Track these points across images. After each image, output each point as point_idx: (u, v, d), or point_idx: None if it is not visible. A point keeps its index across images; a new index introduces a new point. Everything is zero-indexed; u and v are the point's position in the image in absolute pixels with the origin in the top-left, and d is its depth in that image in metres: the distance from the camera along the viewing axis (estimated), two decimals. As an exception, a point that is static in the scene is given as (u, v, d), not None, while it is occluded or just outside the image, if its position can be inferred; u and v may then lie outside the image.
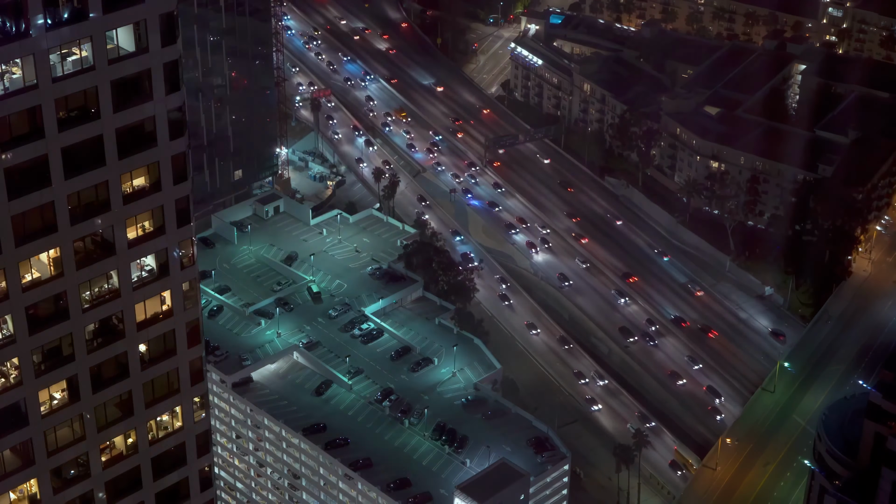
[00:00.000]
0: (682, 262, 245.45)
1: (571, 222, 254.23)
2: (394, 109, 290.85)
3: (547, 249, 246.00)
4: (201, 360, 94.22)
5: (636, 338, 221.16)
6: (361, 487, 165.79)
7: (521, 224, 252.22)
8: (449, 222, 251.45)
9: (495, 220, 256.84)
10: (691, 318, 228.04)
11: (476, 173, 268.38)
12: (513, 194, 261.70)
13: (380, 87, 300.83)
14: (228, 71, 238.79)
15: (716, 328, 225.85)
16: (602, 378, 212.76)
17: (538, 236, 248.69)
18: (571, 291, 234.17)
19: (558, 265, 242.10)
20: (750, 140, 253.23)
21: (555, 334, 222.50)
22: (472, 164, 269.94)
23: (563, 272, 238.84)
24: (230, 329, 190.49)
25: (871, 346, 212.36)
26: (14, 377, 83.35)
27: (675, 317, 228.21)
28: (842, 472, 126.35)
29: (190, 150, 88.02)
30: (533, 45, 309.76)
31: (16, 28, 75.42)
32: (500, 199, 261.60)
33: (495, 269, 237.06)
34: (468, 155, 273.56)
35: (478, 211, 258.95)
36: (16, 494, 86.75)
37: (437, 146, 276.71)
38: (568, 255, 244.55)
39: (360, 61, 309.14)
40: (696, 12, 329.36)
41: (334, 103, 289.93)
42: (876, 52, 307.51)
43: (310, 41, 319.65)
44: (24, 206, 79.56)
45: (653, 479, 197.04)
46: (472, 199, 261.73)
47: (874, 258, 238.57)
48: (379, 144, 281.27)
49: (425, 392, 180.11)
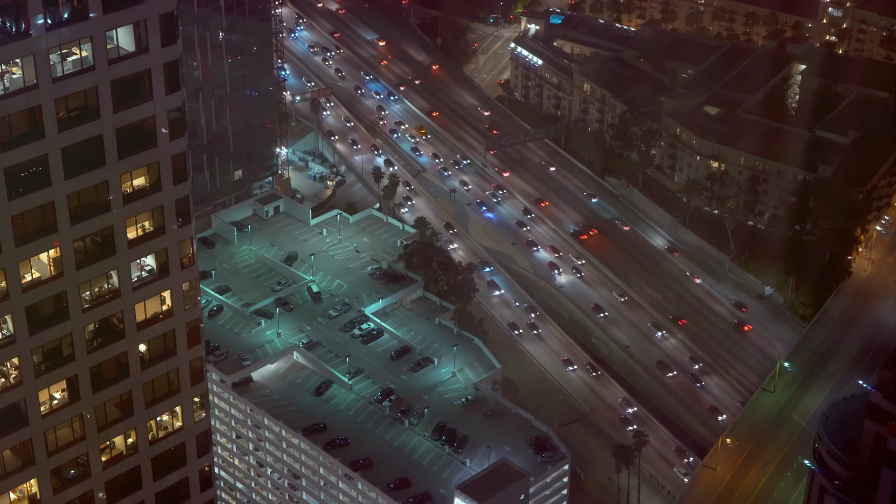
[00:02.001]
0: (680, 261, 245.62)
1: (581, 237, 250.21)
2: (414, 127, 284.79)
3: (580, 279, 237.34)
4: (201, 360, 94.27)
5: (675, 372, 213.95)
6: (361, 487, 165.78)
7: (554, 254, 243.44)
8: (478, 252, 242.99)
9: (518, 236, 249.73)
10: (688, 316, 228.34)
11: (504, 196, 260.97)
12: (543, 220, 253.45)
13: (404, 108, 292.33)
14: (228, 71, 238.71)
15: (716, 328, 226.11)
16: (595, 371, 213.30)
17: (571, 266, 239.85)
18: (607, 323, 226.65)
19: (592, 295, 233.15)
20: (750, 140, 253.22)
21: (582, 361, 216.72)
22: (500, 186, 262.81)
23: (598, 303, 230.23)
24: (230, 329, 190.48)
25: (871, 346, 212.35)
26: (14, 377, 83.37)
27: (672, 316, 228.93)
28: (842, 472, 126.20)
29: (190, 150, 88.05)
30: (533, 45, 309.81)
31: (16, 28, 75.43)
32: (522, 217, 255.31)
33: (522, 297, 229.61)
34: (494, 177, 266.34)
35: (495, 224, 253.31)
36: (16, 494, 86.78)
37: (459, 165, 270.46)
38: (603, 286, 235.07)
39: (383, 80, 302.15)
40: (696, 12, 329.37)
41: (333, 103, 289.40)
42: (876, 52, 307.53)
43: (322, 51, 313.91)
44: (24, 206, 79.60)
45: (653, 480, 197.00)
46: (488, 212, 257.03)
47: (874, 258, 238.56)
48: (380, 144, 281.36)
49: (425, 392, 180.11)
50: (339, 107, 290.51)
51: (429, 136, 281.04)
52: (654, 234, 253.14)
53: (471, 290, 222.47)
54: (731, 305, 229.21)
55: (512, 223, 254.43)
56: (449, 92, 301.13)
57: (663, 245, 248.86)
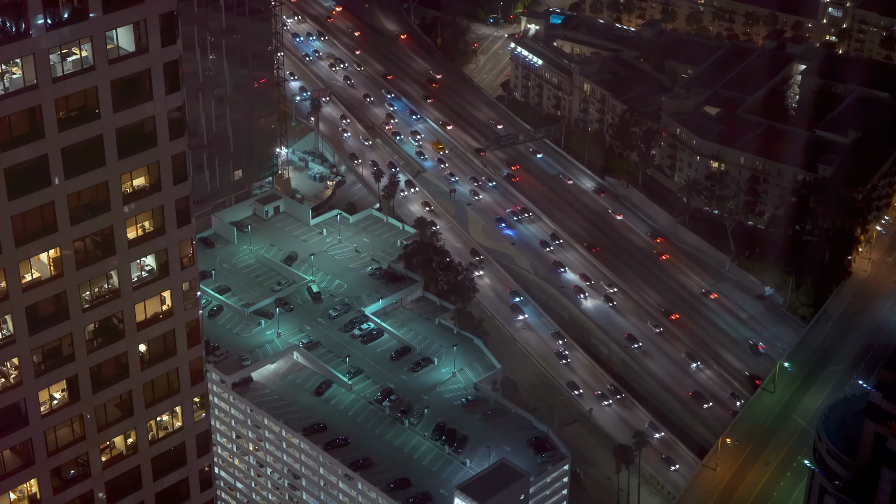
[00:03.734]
0: (681, 261, 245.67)
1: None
2: (431, 142, 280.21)
3: (613, 308, 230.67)
4: (201, 360, 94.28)
5: (710, 403, 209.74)
6: (361, 487, 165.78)
7: (585, 281, 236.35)
8: (505, 281, 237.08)
9: (542, 257, 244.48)
10: (685, 313, 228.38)
11: (530, 218, 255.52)
12: (572, 244, 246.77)
13: (428, 128, 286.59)
14: (228, 71, 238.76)
15: (716, 327, 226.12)
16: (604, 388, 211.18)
17: (603, 294, 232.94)
18: (640, 354, 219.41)
19: (625, 325, 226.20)
20: (750, 140, 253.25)
21: (601, 382, 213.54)
22: (526, 209, 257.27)
23: (631, 333, 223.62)
24: (230, 329, 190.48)
25: (871, 346, 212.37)
26: (14, 377, 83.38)
27: (664, 309, 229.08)
28: (842, 472, 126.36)
29: (190, 150, 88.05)
30: (533, 45, 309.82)
31: (16, 28, 75.44)
32: (541, 234, 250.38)
33: (549, 324, 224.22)
34: (520, 199, 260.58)
35: (518, 244, 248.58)
36: (16, 494, 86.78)
37: (478, 182, 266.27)
38: (637, 317, 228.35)
39: (406, 99, 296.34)
40: (696, 12, 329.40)
41: (329, 98, 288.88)
42: (876, 52, 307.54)
43: (337, 63, 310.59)
44: (24, 206, 79.62)
45: (653, 480, 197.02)
46: (507, 229, 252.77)
47: (874, 258, 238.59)
48: (380, 144, 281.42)
49: (425, 392, 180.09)
50: (338, 106, 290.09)
51: (447, 151, 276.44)
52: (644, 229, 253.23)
53: (471, 290, 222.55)
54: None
55: (535, 243, 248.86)
56: (466, 106, 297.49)
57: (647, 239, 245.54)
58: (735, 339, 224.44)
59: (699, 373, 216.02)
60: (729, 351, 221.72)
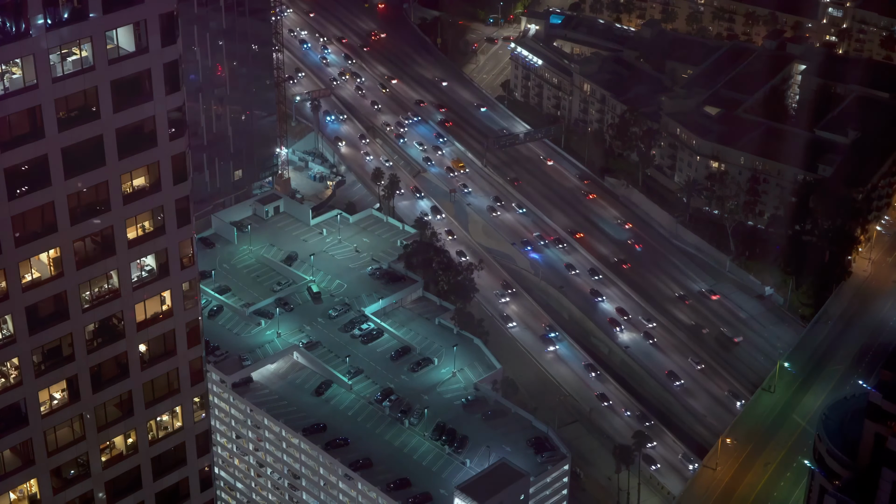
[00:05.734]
0: (682, 261, 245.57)
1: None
2: (452, 160, 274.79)
3: (653, 345, 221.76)
4: (201, 360, 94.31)
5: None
6: (361, 487, 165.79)
7: (622, 315, 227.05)
8: (538, 314, 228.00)
9: (567, 279, 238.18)
10: (690, 318, 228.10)
11: (557, 243, 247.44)
12: (618, 283, 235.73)
13: (453, 150, 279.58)
14: (229, 71, 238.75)
15: (715, 328, 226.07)
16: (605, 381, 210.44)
17: (642, 330, 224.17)
18: (682, 392, 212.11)
19: (666, 362, 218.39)
20: (750, 140, 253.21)
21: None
22: (559, 240, 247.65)
23: (672, 370, 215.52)
24: (230, 329, 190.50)
25: (871, 346, 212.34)
26: (14, 377, 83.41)
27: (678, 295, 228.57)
28: (842, 472, 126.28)
29: (190, 150, 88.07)
30: (533, 45, 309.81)
31: (16, 28, 75.46)
32: (570, 260, 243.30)
33: (579, 355, 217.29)
34: (551, 226, 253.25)
35: (540, 267, 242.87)
36: (16, 494, 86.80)
37: (500, 201, 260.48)
38: (678, 352, 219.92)
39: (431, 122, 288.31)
40: (696, 12, 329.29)
41: (342, 116, 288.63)
42: (876, 52, 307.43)
43: (353, 77, 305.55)
44: (24, 206, 79.62)
45: (653, 480, 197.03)
46: (533, 253, 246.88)
47: (874, 258, 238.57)
48: (380, 144, 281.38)
49: (425, 392, 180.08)
50: (355, 124, 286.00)
51: (467, 169, 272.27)
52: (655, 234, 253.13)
53: (471, 290, 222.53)
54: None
55: (559, 265, 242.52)
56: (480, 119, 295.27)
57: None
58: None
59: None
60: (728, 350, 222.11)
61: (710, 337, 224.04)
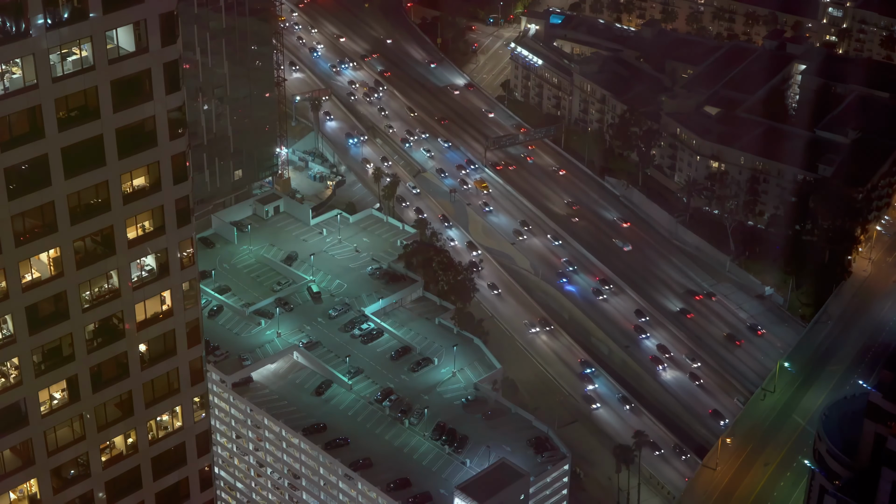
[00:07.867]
0: (682, 262, 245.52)
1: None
2: (475, 181, 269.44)
3: (699, 386, 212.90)
4: (201, 360, 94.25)
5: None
6: (361, 487, 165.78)
7: (665, 353, 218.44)
8: (574, 350, 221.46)
9: (595, 307, 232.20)
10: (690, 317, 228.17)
11: (612, 291, 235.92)
12: (661, 320, 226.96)
13: (485, 175, 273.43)
14: (228, 71, 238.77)
15: (715, 328, 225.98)
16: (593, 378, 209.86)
17: (688, 371, 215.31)
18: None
19: (709, 401, 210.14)
20: (750, 140, 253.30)
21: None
22: (607, 280, 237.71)
23: (716, 409, 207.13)
24: (230, 329, 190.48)
25: (871, 346, 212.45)
26: (14, 377, 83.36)
27: (680, 308, 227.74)
28: (842, 472, 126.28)
29: (190, 150, 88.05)
30: (533, 45, 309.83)
31: (16, 28, 75.42)
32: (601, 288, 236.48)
33: (620, 391, 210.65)
34: (580, 251, 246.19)
35: (577, 301, 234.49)
36: (16, 494, 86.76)
37: (528, 225, 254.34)
38: (722, 391, 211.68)
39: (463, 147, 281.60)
40: (696, 12, 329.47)
41: (328, 98, 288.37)
42: (876, 52, 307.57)
43: (370, 92, 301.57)
44: (24, 206, 79.61)
45: (653, 480, 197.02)
46: (568, 285, 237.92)
47: (874, 258, 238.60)
48: (380, 144, 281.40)
49: (425, 392, 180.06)
50: (377, 146, 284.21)
51: (490, 190, 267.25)
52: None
53: (471, 290, 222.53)
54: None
55: (588, 291, 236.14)
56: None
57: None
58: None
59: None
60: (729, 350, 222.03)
61: (710, 337, 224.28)
